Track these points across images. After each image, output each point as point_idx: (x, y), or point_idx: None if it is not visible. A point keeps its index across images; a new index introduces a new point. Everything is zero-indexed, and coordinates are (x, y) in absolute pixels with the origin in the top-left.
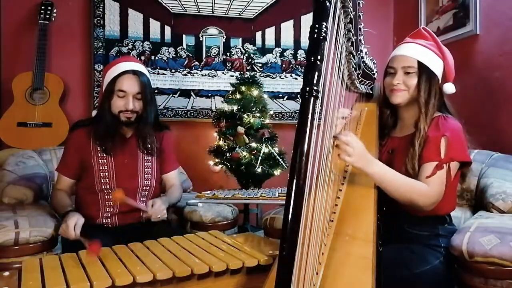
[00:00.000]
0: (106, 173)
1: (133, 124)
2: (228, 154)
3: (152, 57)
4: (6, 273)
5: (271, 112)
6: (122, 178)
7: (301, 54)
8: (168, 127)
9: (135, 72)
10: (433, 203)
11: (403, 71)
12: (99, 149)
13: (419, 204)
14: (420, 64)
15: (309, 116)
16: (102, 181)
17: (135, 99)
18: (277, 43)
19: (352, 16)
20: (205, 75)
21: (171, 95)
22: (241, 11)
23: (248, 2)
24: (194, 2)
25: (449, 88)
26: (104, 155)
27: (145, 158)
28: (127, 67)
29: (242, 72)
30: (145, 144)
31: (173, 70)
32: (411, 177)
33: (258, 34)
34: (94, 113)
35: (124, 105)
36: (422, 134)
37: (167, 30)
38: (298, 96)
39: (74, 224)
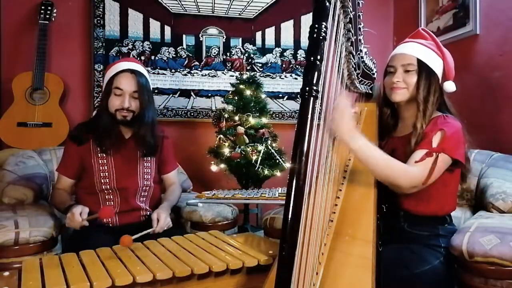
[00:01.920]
0: (106, 173)
1: (130, 124)
2: (228, 154)
3: (152, 57)
4: (6, 273)
5: (271, 112)
6: (121, 178)
7: (301, 54)
8: (166, 136)
9: (132, 71)
10: (413, 187)
11: (403, 69)
12: (98, 149)
13: (398, 183)
14: (419, 62)
15: (309, 116)
16: (102, 181)
17: (132, 98)
18: (277, 43)
19: (351, 16)
20: (205, 75)
21: (171, 95)
22: (241, 11)
23: (248, 2)
24: (194, 2)
25: (449, 86)
26: (104, 155)
27: (145, 158)
28: (125, 66)
29: (242, 72)
30: (145, 144)
31: (173, 70)
32: None
33: (258, 34)
34: (94, 113)
35: (120, 103)
36: (419, 132)
37: (167, 30)
38: (298, 96)
39: (80, 212)
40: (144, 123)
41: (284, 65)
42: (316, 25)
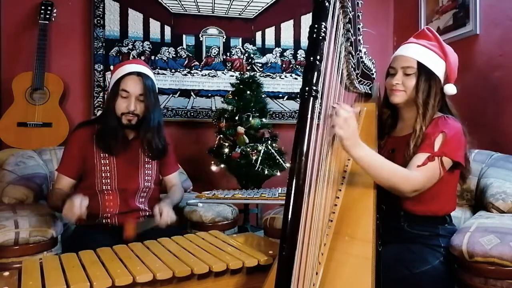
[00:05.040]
0: (108, 174)
1: (135, 127)
2: (228, 154)
3: (152, 57)
4: (6, 273)
5: (271, 112)
6: (123, 179)
7: (301, 54)
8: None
9: (139, 74)
10: (414, 191)
11: (402, 72)
12: (101, 149)
13: (400, 188)
14: (419, 65)
15: (309, 116)
16: (104, 181)
17: (138, 101)
18: (277, 43)
19: (351, 16)
20: (205, 75)
21: (171, 95)
22: (241, 11)
23: (248, 2)
24: (194, 2)
25: (450, 89)
26: (106, 155)
27: (146, 160)
28: (132, 69)
29: (242, 72)
30: (151, 148)
31: (173, 70)
32: None
33: (258, 34)
34: (99, 113)
35: (127, 106)
36: (418, 134)
37: (167, 30)
38: (298, 96)
39: (80, 202)
40: (150, 127)
41: (284, 65)
42: (316, 25)
